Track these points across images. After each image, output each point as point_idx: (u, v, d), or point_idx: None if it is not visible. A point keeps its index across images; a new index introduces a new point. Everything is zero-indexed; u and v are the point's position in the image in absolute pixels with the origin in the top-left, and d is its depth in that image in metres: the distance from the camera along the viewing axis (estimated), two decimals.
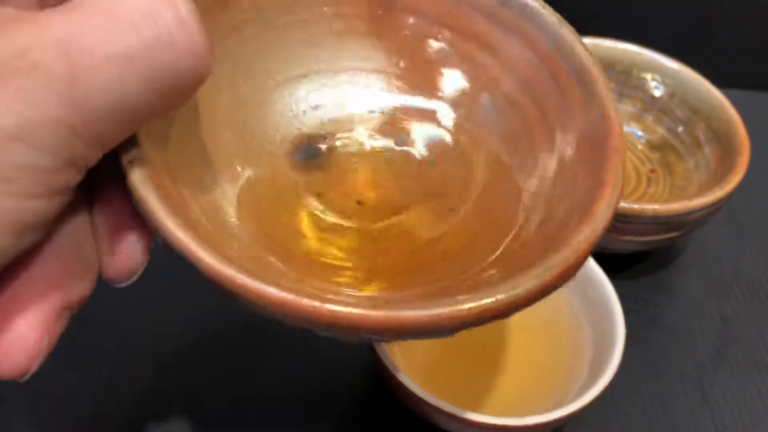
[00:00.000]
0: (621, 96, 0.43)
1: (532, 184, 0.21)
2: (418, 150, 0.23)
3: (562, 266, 0.17)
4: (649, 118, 0.43)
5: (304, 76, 0.23)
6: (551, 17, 0.22)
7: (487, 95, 0.23)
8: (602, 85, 0.21)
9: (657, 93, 0.42)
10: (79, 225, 0.17)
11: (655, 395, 0.34)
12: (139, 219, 0.17)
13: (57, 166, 0.14)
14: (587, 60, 0.21)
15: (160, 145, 0.18)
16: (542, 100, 0.22)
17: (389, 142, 0.24)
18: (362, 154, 0.23)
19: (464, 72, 0.23)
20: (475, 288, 0.17)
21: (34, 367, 0.15)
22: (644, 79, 0.42)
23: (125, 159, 0.17)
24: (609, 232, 0.33)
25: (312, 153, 0.23)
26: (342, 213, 0.22)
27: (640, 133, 0.43)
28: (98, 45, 0.14)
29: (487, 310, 0.16)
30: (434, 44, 0.24)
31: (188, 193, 0.18)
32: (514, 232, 0.20)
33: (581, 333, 0.31)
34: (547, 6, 0.22)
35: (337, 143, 0.23)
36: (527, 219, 0.21)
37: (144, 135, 0.17)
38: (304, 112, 0.23)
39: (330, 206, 0.22)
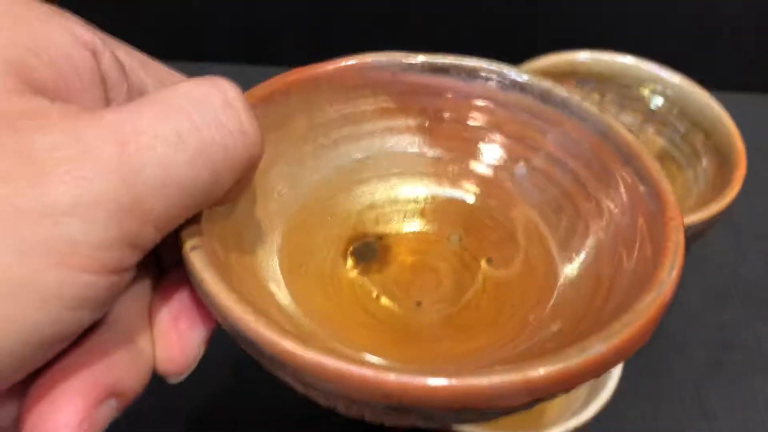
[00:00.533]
0: (621, 107, 0.45)
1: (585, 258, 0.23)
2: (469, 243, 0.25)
3: (630, 330, 0.17)
4: (650, 130, 0.44)
5: (360, 181, 0.25)
6: (591, 108, 0.23)
7: (530, 177, 0.25)
8: (648, 160, 0.22)
9: (657, 105, 0.43)
10: (136, 313, 0.18)
11: (655, 403, 0.35)
12: (200, 310, 0.18)
13: (109, 242, 0.14)
14: (631, 139, 0.22)
15: (218, 232, 0.19)
16: (588, 179, 0.23)
17: (444, 233, 0.25)
18: (418, 251, 0.25)
19: (508, 162, 0.25)
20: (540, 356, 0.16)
21: None
22: (644, 91, 0.44)
23: (188, 244, 0.18)
24: None
25: (369, 251, 0.24)
26: (401, 306, 0.23)
27: None
28: (148, 127, 0.15)
29: (560, 376, 0.16)
30: (482, 146, 0.26)
31: (239, 283, 0.19)
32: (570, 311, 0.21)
33: None
34: (586, 99, 0.24)
35: (391, 240, 0.25)
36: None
37: (206, 223, 0.18)
38: (359, 212, 0.25)
39: (389, 298, 0.23)
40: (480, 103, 0.25)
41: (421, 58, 0.25)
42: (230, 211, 0.21)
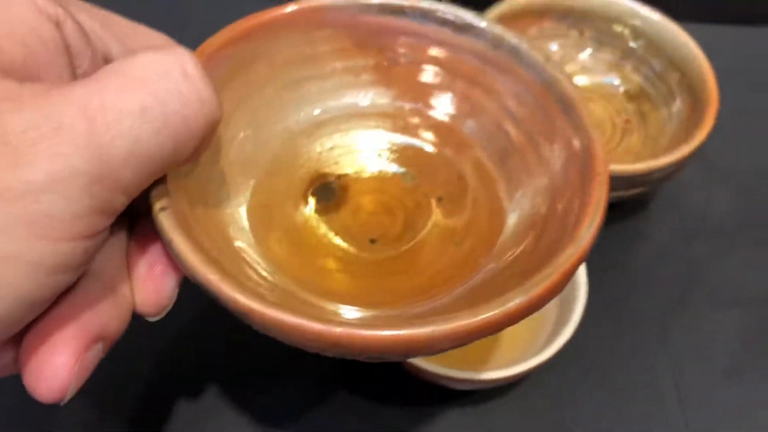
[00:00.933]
0: (600, 44, 0.45)
1: (524, 203, 0.24)
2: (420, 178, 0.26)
3: (545, 284, 0.19)
4: (627, 67, 0.44)
5: (320, 123, 0.27)
6: (539, 57, 0.24)
7: (480, 123, 0.26)
8: (585, 114, 0.23)
9: (635, 42, 0.43)
10: (115, 265, 0.19)
11: (618, 336, 0.37)
12: (172, 260, 0.19)
13: (84, 212, 0.16)
14: (572, 91, 0.23)
15: (183, 188, 0.21)
16: (533, 128, 0.25)
17: (399, 173, 0.27)
18: (374, 189, 0.26)
19: (461, 108, 0.27)
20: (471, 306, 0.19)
21: (69, 394, 0.18)
22: (623, 28, 0.43)
23: (157, 206, 0.19)
24: None
25: (328, 191, 0.26)
26: (356, 245, 0.25)
27: (617, 82, 0.44)
28: (114, 102, 0.16)
29: (483, 325, 0.18)
30: (437, 91, 0.27)
31: (205, 237, 0.21)
32: (511, 251, 0.23)
33: None
34: (533, 48, 0.24)
35: (350, 180, 0.26)
36: (519, 239, 0.23)
37: (172, 181, 0.20)
38: (320, 153, 0.26)
39: (346, 239, 0.25)
40: (435, 46, 0.26)
41: (378, 0, 0.25)
42: (195, 167, 0.22)
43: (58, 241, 0.16)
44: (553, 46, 0.45)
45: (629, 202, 0.42)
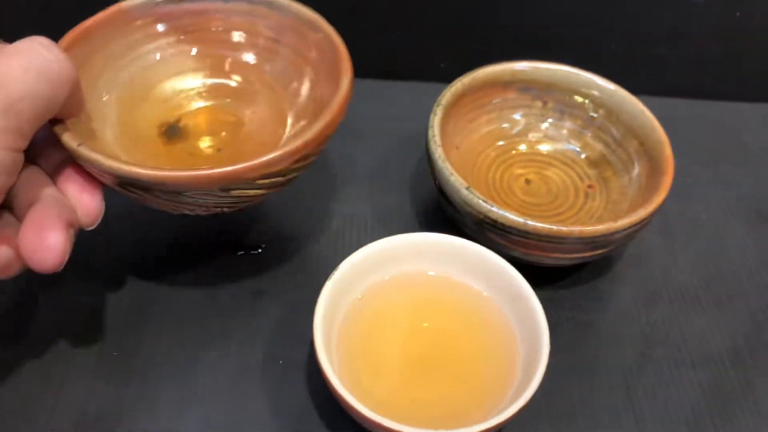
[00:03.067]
0: (562, 114, 0.47)
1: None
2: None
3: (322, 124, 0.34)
4: (588, 135, 0.46)
5: (152, 86, 0.42)
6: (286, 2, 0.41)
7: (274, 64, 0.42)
8: (326, 25, 0.39)
9: (595, 112, 0.46)
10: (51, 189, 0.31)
11: (585, 395, 0.38)
12: (95, 181, 0.32)
13: (5, 130, 0.26)
14: (311, 14, 0.40)
15: (81, 133, 0.33)
16: (299, 49, 0.41)
17: (219, 103, 0.43)
18: (205, 118, 0.42)
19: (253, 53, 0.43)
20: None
21: (63, 265, 0.28)
22: (583, 98, 0.46)
23: (74, 143, 0.31)
24: (539, 251, 0.37)
25: (174, 131, 0.41)
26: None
27: (579, 149, 0.46)
28: (8, 66, 0.27)
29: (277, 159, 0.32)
30: (236, 45, 0.43)
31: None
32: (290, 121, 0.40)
33: (513, 342, 0.35)
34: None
35: (188, 117, 0.42)
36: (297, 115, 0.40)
37: (74, 130, 0.32)
38: (162, 103, 0.41)
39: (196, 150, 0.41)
40: (234, 16, 0.42)
41: None
42: (82, 121, 0.34)
43: None
44: (517, 115, 0.47)
45: (594, 263, 0.43)
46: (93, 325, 0.39)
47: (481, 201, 0.37)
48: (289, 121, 0.40)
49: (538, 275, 0.42)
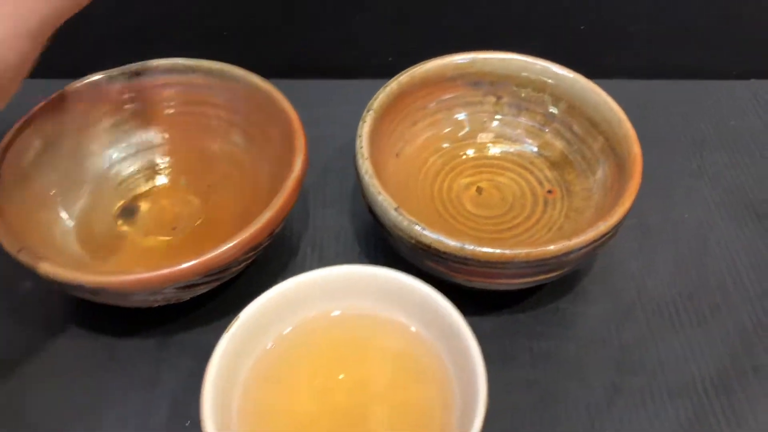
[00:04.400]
0: (518, 110, 0.41)
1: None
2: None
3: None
4: (548, 133, 0.41)
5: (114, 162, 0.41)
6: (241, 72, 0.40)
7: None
8: (281, 98, 0.38)
9: (554, 106, 0.40)
10: None
11: None
12: None
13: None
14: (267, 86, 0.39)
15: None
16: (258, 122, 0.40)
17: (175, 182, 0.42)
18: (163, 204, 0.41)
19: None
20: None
21: None
22: (540, 92, 0.40)
23: (13, 250, 0.32)
24: (483, 278, 0.32)
25: (129, 212, 0.40)
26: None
27: (537, 149, 0.41)
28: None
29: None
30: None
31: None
32: None
33: (449, 388, 0.30)
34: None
35: (142, 202, 0.41)
36: None
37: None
38: (114, 189, 0.40)
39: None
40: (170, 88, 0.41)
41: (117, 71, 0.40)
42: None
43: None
44: (466, 115, 0.42)
45: (557, 282, 0.38)
46: None
47: (412, 224, 0.32)
48: (249, 195, 0.39)
49: (490, 298, 0.37)
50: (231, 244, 0.31)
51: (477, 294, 0.36)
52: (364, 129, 0.36)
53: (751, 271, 0.39)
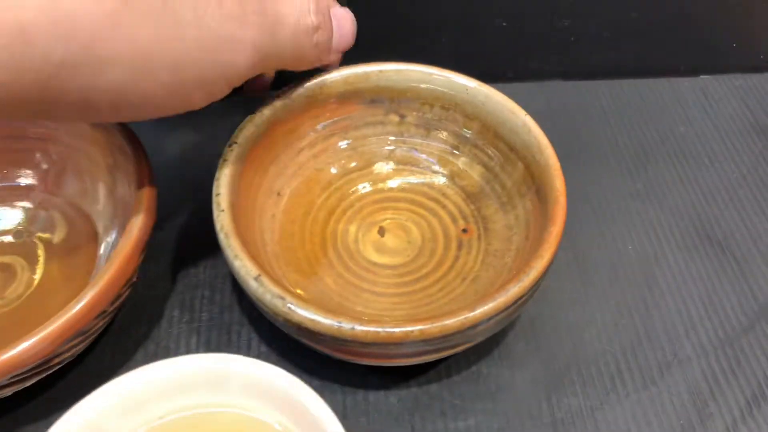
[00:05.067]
0: (428, 130, 0.34)
1: None
2: None
3: None
4: (462, 158, 0.34)
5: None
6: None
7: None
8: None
9: (467, 127, 0.33)
10: None
11: None
12: None
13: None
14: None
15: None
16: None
17: None
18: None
19: None
20: None
21: None
22: (450, 108, 0.33)
23: None
24: (377, 359, 0.25)
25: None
26: None
27: (448, 178, 0.34)
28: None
29: None
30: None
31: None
32: None
33: None
34: None
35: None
36: None
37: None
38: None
39: None
40: None
41: None
42: None
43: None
44: (356, 141, 0.34)
45: (473, 348, 0.31)
46: None
47: (275, 298, 0.25)
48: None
49: (395, 367, 0.30)
50: (33, 340, 0.24)
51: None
52: (224, 171, 0.29)
53: (704, 316, 0.33)
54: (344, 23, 0.29)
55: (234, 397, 0.25)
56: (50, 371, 0.27)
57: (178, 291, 0.33)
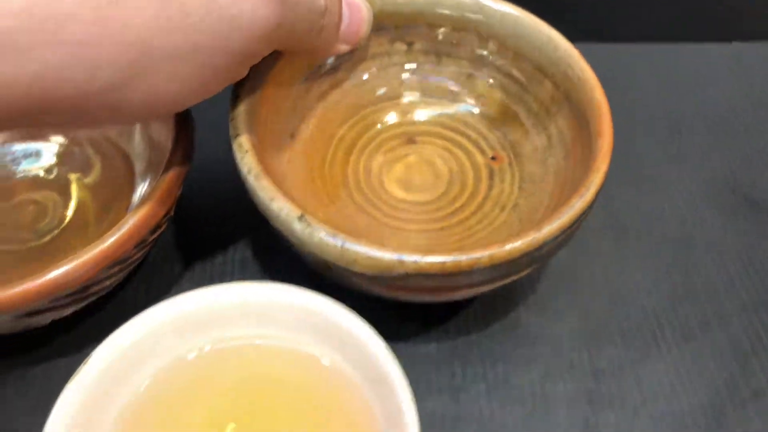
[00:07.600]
0: (439, 56, 0.31)
1: None
2: None
3: None
4: (481, 82, 0.32)
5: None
6: None
7: None
8: None
9: (482, 48, 0.31)
10: None
11: None
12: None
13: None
14: None
15: None
16: None
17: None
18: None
19: None
20: None
21: None
22: (462, 29, 0.31)
23: None
24: (431, 293, 0.24)
25: None
26: None
27: (470, 105, 0.32)
28: None
29: None
30: None
31: None
32: None
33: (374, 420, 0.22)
34: None
35: None
36: None
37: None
38: None
39: None
40: None
41: None
42: None
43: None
44: (371, 71, 0.32)
45: (508, 289, 0.30)
46: None
47: (327, 237, 0.23)
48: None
49: (433, 310, 0.29)
50: (74, 264, 0.23)
51: (418, 306, 0.28)
52: (240, 108, 0.26)
53: (744, 271, 0.32)
54: (356, 13, 0.26)
55: (280, 329, 0.24)
56: (87, 301, 0.25)
57: (212, 231, 0.32)
